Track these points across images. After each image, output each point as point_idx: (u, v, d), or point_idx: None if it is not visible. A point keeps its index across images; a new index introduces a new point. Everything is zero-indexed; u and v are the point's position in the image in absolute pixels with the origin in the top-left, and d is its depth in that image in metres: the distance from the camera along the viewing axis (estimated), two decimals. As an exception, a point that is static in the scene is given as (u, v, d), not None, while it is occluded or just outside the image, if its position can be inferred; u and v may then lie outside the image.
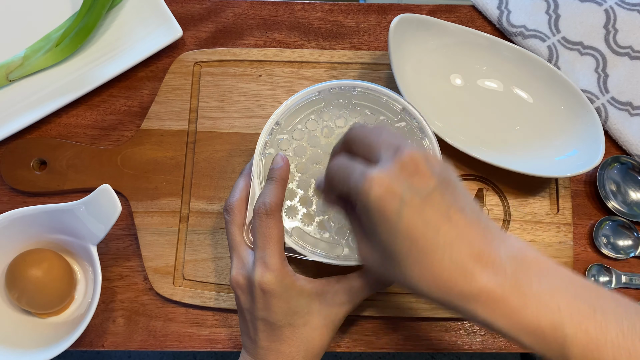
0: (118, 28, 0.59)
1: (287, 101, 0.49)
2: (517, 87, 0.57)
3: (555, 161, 0.54)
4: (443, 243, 0.33)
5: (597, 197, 0.56)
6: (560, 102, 0.56)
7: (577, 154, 0.53)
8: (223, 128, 0.56)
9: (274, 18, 0.62)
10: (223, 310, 0.53)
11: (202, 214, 0.54)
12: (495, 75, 0.58)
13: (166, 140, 0.56)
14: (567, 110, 0.56)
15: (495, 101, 0.57)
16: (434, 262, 0.33)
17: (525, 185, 0.56)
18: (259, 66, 0.58)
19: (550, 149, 0.55)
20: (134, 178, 0.55)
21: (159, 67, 0.59)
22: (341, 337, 0.52)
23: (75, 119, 0.58)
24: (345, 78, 0.58)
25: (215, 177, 0.55)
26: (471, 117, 0.57)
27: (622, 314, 0.32)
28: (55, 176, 0.55)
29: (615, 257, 0.55)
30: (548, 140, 0.56)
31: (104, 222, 0.48)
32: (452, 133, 0.54)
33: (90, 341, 0.52)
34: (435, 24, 0.56)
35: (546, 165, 0.53)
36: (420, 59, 0.56)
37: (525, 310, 0.32)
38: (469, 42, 0.57)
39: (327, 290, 0.44)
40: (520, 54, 0.56)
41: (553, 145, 0.55)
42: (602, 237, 0.55)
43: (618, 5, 0.60)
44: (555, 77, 0.56)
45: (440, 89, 0.57)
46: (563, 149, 0.55)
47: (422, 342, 0.53)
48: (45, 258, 0.49)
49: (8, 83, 0.57)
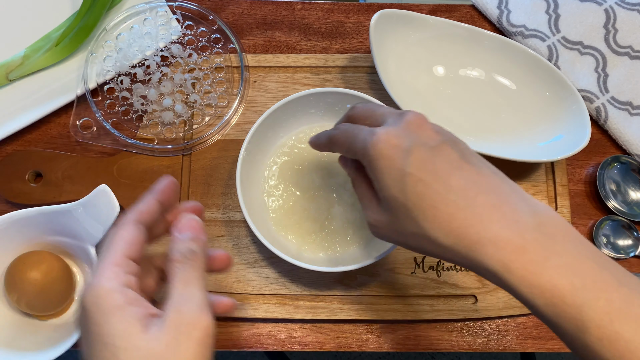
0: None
1: (270, 109, 0.49)
2: (499, 75, 0.58)
3: (541, 146, 0.54)
4: (457, 188, 0.32)
5: (597, 196, 0.56)
6: (545, 88, 0.56)
7: (562, 139, 0.54)
8: (219, 134, 0.56)
9: (273, 18, 0.62)
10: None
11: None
12: (477, 64, 0.58)
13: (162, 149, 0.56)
14: (552, 95, 0.56)
15: (479, 90, 0.57)
16: (448, 206, 0.32)
17: (523, 184, 0.56)
18: (254, 72, 0.58)
19: (537, 135, 0.55)
20: (131, 188, 0.55)
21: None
22: (341, 337, 0.52)
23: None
24: (340, 82, 0.58)
25: (212, 185, 0.55)
26: (456, 107, 0.57)
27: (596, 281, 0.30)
28: (51, 188, 0.54)
29: (615, 257, 0.55)
30: (534, 126, 0.56)
31: (102, 223, 0.47)
32: (437, 124, 0.54)
33: (90, 341, 0.52)
34: (415, 18, 0.56)
35: (533, 151, 0.54)
36: (402, 53, 0.57)
37: (545, 265, 0.30)
38: (450, 33, 0.57)
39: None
40: (501, 42, 0.56)
41: (539, 130, 0.55)
42: (602, 237, 0.55)
43: (618, 5, 0.60)
44: (538, 64, 0.56)
45: (424, 82, 0.57)
46: (549, 134, 0.55)
47: (422, 342, 0.53)
48: (44, 260, 0.49)
49: (8, 83, 0.57)
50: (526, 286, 0.30)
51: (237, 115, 0.57)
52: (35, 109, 0.56)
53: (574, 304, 0.30)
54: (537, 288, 0.30)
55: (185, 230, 0.35)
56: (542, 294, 0.30)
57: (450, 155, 0.34)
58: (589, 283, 0.30)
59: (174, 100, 0.57)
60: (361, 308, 0.52)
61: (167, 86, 0.56)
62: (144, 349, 0.29)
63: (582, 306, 0.29)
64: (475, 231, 0.31)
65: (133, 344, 0.29)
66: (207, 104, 0.57)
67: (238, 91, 0.58)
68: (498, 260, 0.31)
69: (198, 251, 0.34)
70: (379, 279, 0.53)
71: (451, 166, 0.33)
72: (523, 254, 0.31)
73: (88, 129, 0.56)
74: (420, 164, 0.33)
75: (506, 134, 0.56)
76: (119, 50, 0.57)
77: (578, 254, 0.31)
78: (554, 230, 0.31)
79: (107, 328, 0.30)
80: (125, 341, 0.29)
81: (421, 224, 0.33)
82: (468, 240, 0.32)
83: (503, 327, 0.53)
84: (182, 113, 0.56)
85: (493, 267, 0.31)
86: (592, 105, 0.58)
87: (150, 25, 0.58)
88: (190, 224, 0.36)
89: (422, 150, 0.33)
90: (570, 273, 0.30)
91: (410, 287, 0.52)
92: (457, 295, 0.52)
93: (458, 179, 0.33)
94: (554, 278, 0.30)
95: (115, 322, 0.30)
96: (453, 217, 0.32)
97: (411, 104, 0.54)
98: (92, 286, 0.31)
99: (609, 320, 0.29)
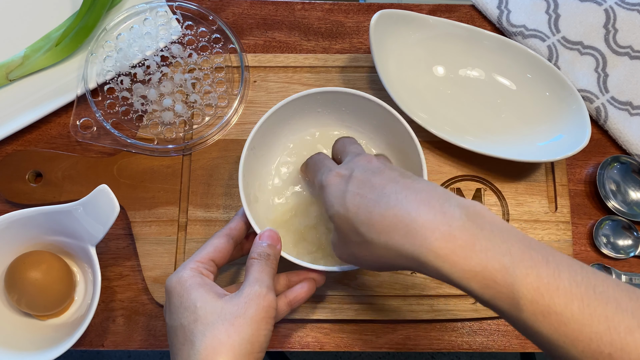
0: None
1: (273, 108, 0.49)
2: (499, 75, 0.58)
3: (541, 146, 0.54)
4: (389, 192, 0.36)
5: (597, 196, 0.56)
6: (545, 88, 0.56)
7: (562, 139, 0.54)
8: (219, 134, 0.56)
9: (273, 18, 0.62)
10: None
11: (201, 222, 0.54)
12: (477, 64, 0.58)
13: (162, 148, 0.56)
14: (552, 95, 0.56)
15: (479, 90, 0.57)
16: (380, 207, 0.35)
17: (523, 184, 0.56)
18: (254, 72, 0.58)
19: (537, 135, 0.55)
20: (131, 187, 0.55)
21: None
22: (341, 337, 0.52)
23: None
24: (340, 82, 0.58)
25: (212, 185, 0.55)
26: (456, 108, 0.57)
27: (576, 269, 0.31)
28: (51, 188, 0.54)
29: (615, 257, 0.55)
30: (534, 126, 0.56)
31: (102, 223, 0.47)
32: (437, 124, 0.54)
33: (90, 341, 0.52)
34: (415, 18, 0.56)
35: (533, 151, 0.54)
36: (402, 53, 0.57)
37: (474, 249, 0.32)
38: (449, 33, 0.57)
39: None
40: (501, 42, 0.57)
41: (539, 130, 0.55)
42: (602, 237, 0.55)
43: (618, 5, 0.60)
44: (538, 64, 0.56)
45: (423, 82, 0.57)
46: (549, 134, 0.55)
47: (422, 342, 0.53)
48: (44, 260, 0.49)
49: (8, 82, 0.57)
50: (459, 271, 0.32)
51: (237, 115, 0.57)
52: (35, 109, 0.56)
53: (505, 283, 0.31)
54: (469, 272, 0.31)
55: (265, 238, 0.43)
56: (474, 277, 0.31)
57: (390, 174, 0.38)
58: (518, 261, 0.31)
59: (174, 100, 0.57)
60: (361, 308, 0.52)
61: (167, 86, 0.56)
62: (219, 307, 0.37)
63: (514, 284, 0.31)
64: (404, 224, 0.34)
65: (210, 305, 0.37)
66: (207, 104, 0.58)
67: (238, 91, 0.58)
68: (428, 250, 0.32)
69: (272, 255, 0.42)
70: (379, 279, 0.53)
71: (388, 180, 0.37)
72: (451, 240, 0.32)
73: (88, 129, 0.56)
74: (359, 182, 0.38)
75: (506, 134, 0.56)
76: (119, 50, 0.57)
77: (505, 237, 0.32)
78: (481, 220, 0.33)
79: (187, 297, 0.38)
80: (203, 303, 0.37)
81: (360, 230, 0.36)
82: (399, 235, 0.34)
83: (503, 327, 0.53)
84: (182, 113, 0.57)
85: (425, 257, 0.32)
86: (592, 105, 0.58)
87: (150, 25, 0.58)
88: (269, 234, 0.43)
89: (363, 173, 0.39)
90: (499, 254, 0.31)
91: (410, 287, 0.52)
92: (457, 295, 0.52)
93: (392, 185, 0.36)
94: (484, 260, 0.31)
95: (195, 292, 0.38)
96: (384, 216, 0.35)
97: (411, 104, 0.54)
98: (177, 273, 0.40)
99: (539, 295, 0.30)
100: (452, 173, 0.56)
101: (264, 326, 0.38)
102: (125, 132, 0.56)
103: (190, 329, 0.37)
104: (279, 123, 0.51)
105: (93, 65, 0.57)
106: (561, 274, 0.30)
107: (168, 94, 0.57)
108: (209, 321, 0.37)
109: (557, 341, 0.30)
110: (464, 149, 0.53)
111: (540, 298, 0.30)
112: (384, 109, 0.49)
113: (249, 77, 0.58)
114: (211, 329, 0.36)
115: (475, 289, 0.32)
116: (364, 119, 0.52)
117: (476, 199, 0.55)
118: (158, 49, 0.57)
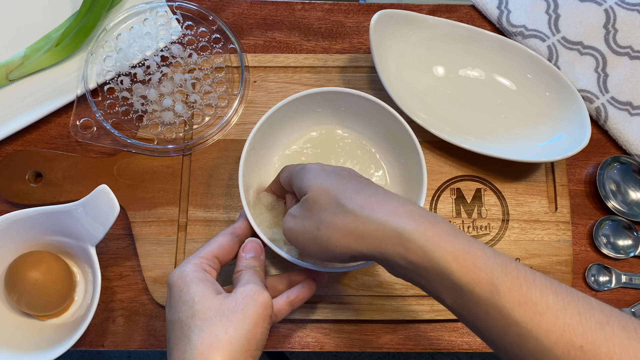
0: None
1: (273, 108, 0.49)
2: (499, 75, 0.58)
3: (541, 146, 0.54)
4: (374, 187, 0.38)
5: (597, 196, 0.56)
6: (545, 89, 0.56)
7: (562, 139, 0.54)
8: (219, 134, 0.56)
9: (274, 18, 0.62)
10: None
11: (201, 222, 0.54)
12: (477, 64, 0.58)
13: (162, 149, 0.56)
14: (552, 95, 0.56)
15: (479, 90, 0.57)
16: (367, 191, 0.37)
17: (523, 184, 0.56)
18: (254, 72, 0.58)
19: (537, 135, 0.55)
20: (131, 188, 0.55)
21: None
22: (341, 337, 0.52)
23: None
24: (340, 82, 0.58)
25: (212, 185, 0.55)
26: (456, 108, 0.57)
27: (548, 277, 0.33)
28: (52, 188, 0.54)
29: (615, 257, 0.55)
30: (534, 126, 0.56)
31: (102, 223, 0.47)
32: (437, 124, 0.54)
33: (90, 341, 0.52)
34: (415, 18, 0.56)
35: (533, 151, 0.54)
36: (402, 53, 0.57)
37: (457, 237, 0.33)
38: (449, 33, 0.57)
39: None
40: (501, 42, 0.57)
41: (539, 130, 0.55)
42: (602, 237, 0.55)
43: (618, 5, 0.60)
44: (538, 64, 0.56)
45: (423, 82, 0.57)
46: (549, 134, 0.55)
47: (422, 342, 0.53)
48: (44, 260, 0.49)
49: (8, 83, 0.57)
50: (442, 252, 0.33)
51: (237, 115, 0.57)
52: (35, 109, 0.56)
53: (486, 268, 0.32)
54: (451, 254, 0.32)
55: (248, 251, 0.44)
56: (456, 259, 0.32)
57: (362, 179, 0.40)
58: (498, 254, 0.33)
59: (174, 100, 0.57)
60: (361, 308, 0.52)
61: (167, 86, 0.56)
62: (217, 303, 0.38)
63: (494, 270, 0.32)
64: (392, 206, 0.36)
65: (209, 301, 0.38)
66: (207, 104, 0.58)
67: (238, 91, 0.58)
68: (415, 228, 0.33)
69: (257, 266, 0.43)
70: (379, 279, 0.53)
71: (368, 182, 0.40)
72: (438, 226, 0.34)
73: (88, 129, 0.56)
74: (341, 171, 0.39)
75: (506, 134, 0.56)
76: (119, 51, 0.57)
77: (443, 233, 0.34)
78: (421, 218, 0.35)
79: (187, 291, 0.38)
80: (201, 298, 0.38)
81: (342, 202, 0.37)
82: (383, 211, 0.35)
83: (503, 327, 0.53)
84: (182, 113, 0.57)
85: (409, 233, 0.33)
86: (592, 105, 0.58)
87: (150, 26, 0.58)
88: (252, 246, 0.44)
89: (341, 170, 0.40)
90: (480, 246, 0.33)
91: (410, 287, 0.52)
92: (457, 295, 0.52)
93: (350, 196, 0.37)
94: (466, 246, 0.33)
95: (195, 287, 0.38)
96: (370, 196, 0.37)
97: (411, 104, 0.54)
98: (180, 267, 0.41)
99: (518, 284, 0.32)
100: (452, 173, 0.56)
101: (261, 323, 0.38)
102: (125, 132, 0.56)
103: (187, 323, 0.37)
104: (279, 123, 0.51)
105: (93, 65, 0.57)
106: (535, 273, 0.33)
107: (168, 94, 0.57)
108: (207, 317, 0.37)
109: (531, 332, 0.31)
110: (464, 149, 0.53)
111: (518, 287, 0.32)
112: (383, 109, 0.49)
113: (249, 77, 0.58)
114: (208, 325, 0.36)
115: (455, 271, 0.32)
116: (364, 119, 0.52)
117: (476, 199, 0.55)
118: (158, 49, 0.57)
